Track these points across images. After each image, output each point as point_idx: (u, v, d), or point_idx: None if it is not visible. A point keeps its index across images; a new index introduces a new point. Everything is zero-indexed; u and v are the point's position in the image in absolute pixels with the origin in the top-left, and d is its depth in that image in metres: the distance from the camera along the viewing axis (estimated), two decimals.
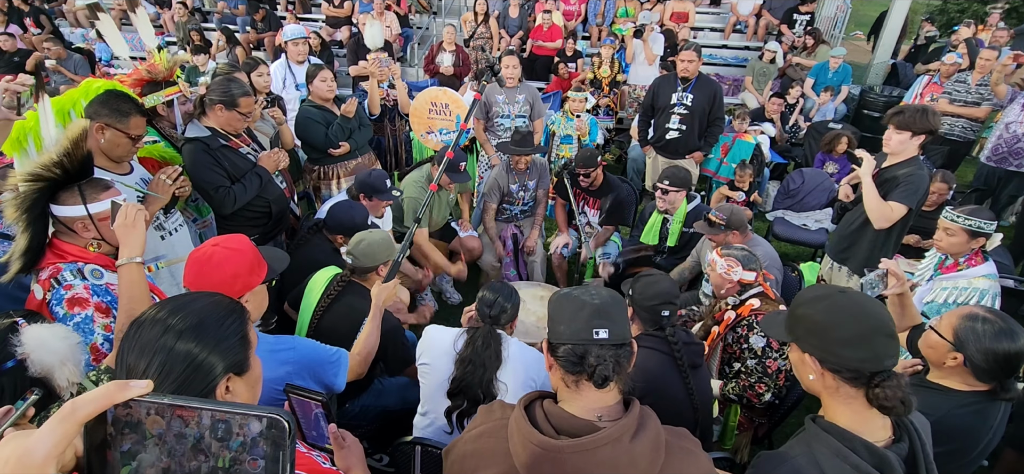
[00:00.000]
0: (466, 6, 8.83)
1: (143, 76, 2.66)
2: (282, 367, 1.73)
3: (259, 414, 0.53)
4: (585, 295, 1.14)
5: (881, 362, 1.12)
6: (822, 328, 1.18)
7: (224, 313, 0.91)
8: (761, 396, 2.27)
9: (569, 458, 1.02)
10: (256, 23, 8.44)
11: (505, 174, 3.83)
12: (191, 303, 0.89)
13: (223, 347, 0.87)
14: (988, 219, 2.33)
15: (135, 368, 0.81)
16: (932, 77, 5.57)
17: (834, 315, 1.17)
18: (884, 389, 1.10)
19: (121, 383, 0.53)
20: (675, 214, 3.46)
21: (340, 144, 3.67)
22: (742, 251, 2.37)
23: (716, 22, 8.60)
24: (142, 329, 0.84)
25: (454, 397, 1.85)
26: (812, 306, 1.22)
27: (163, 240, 2.43)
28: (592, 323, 1.09)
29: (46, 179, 1.55)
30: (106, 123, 2.07)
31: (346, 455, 1.21)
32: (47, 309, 1.57)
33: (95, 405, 0.51)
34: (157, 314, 0.86)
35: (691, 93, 4.30)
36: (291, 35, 4.62)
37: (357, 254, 2.27)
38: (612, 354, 1.08)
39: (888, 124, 2.66)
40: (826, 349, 1.16)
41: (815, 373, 1.20)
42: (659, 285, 1.92)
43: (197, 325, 0.86)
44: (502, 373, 1.82)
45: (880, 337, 1.12)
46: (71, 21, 9.65)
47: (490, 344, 1.83)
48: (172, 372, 0.81)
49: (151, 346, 0.82)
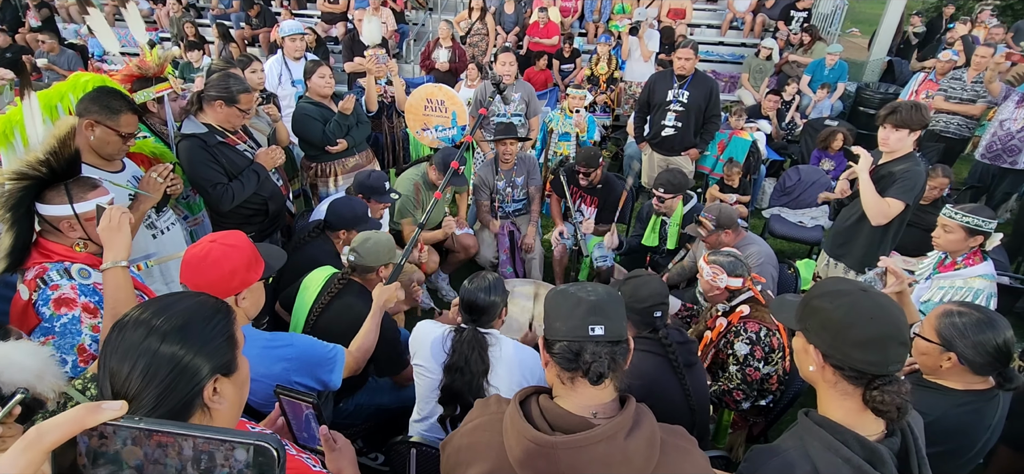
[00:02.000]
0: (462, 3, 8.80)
1: (134, 72, 2.63)
2: (280, 364, 1.72)
3: (245, 442, 0.50)
4: (581, 292, 1.13)
5: (887, 368, 1.10)
6: (838, 326, 1.14)
7: (210, 313, 0.89)
8: (738, 402, 2.26)
9: (563, 454, 1.01)
10: (251, 19, 8.38)
11: (490, 171, 3.81)
12: (175, 304, 0.87)
13: (210, 348, 0.85)
14: (987, 217, 2.33)
15: (118, 372, 0.79)
16: (928, 74, 5.58)
17: (853, 315, 1.12)
18: (883, 393, 1.08)
19: (92, 406, 0.49)
20: (672, 216, 3.45)
21: (338, 141, 3.64)
22: (727, 257, 2.33)
23: (713, 19, 8.59)
24: (125, 332, 0.82)
25: (446, 405, 1.83)
26: (831, 300, 1.17)
27: (155, 238, 2.41)
28: (588, 320, 1.08)
29: (32, 177, 1.53)
30: (96, 120, 2.04)
31: (337, 457, 1.20)
32: (33, 309, 1.54)
33: (62, 431, 0.47)
34: (140, 315, 0.83)
35: (687, 90, 4.29)
36: (288, 31, 4.57)
37: (362, 253, 2.25)
38: (608, 351, 1.07)
39: (884, 123, 2.65)
40: (836, 346, 1.14)
41: (816, 365, 1.18)
42: (649, 286, 1.88)
43: (182, 326, 0.83)
44: (492, 377, 1.79)
45: (894, 345, 1.10)
46: (64, 16, 9.56)
47: (475, 348, 1.79)
48: (157, 375, 0.79)
49: (135, 349, 0.80)
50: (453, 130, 4.59)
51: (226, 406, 0.88)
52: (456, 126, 4.59)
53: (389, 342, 2.16)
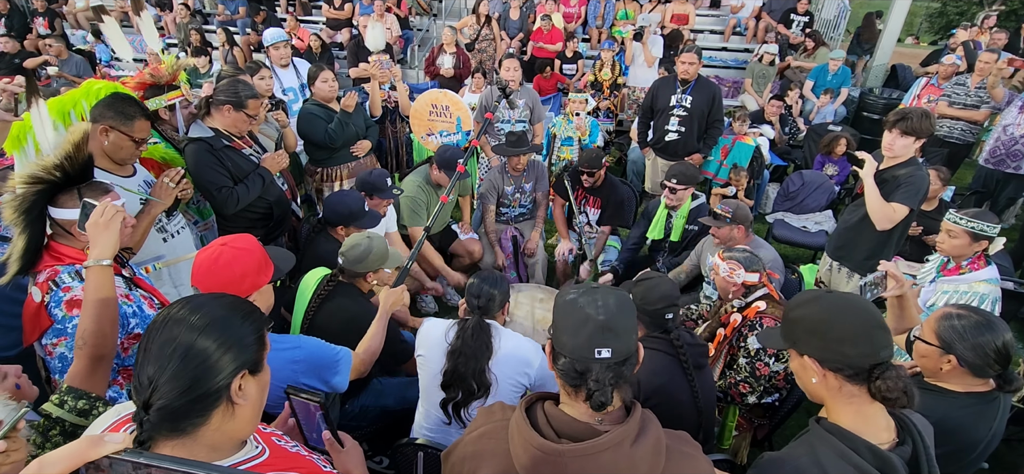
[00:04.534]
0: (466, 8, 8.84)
1: (146, 80, 2.66)
2: (288, 365, 1.74)
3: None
4: (591, 307, 1.08)
5: (878, 354, 1.14)
6: (821, 326, 1.19)
7: (246, 312, 0.96)
8: (744, 396, 2.27)
9: (570, 462, 1.02)
10: (256, 25, 8.45)
11: (500, 176, 3.83)
12: (213, 301, 0.93)
13: (243, 344, 0.91)
14: (991, 222, 2.33)
15: (159, 355, 0.84)
16: (930, 79, 5.59)
17: (831, 312, 1.19)
18: (885, 381, 1.12)
19: (95, 439, 0.51)
20: (679, 210, 3.47)
21: (361, 141, 3.68)
22: (743, 253, 2.36)
23: (715, 24, 8.61)
24: (169, 321, 0.87)
25: (448, 389, 1.86)
26: (807, 308, 1.24)
27: (165, 242, 2.43)
28: (594, 341, 1.05)
29: (45, 181, 1.55)
30: (110, 125, 2.07)
31: (345, 459, 1.21)
32: (46, 312, 1.57)
33: (64, 465, 0.48)
34: (180, 311, 0.89)
35: (690, 95, 4.30)
36: (271, 39, 4.49)
37: (348, 258, 2.28)
38: (613, 373, 1.06)
39: (892, 129, 2.64)
40: (827, 347, 1.17)
41: (817, 375, 1.20)
42: (661, 288, 1.91)
43: (221, 319, 0.90)
44: (493, 364, 1.83)
45: (876, 331, 1.15)
46: (72, 23, 9.66)
47: (479, 334, 1.84)
48: (193, 359, 0.84)
49: (175, 338, 0.85)
50: (457, 135, 4.62)
51: (248, 405, 0.91)
52: (460, 131, 4.61)
53: (390, 340, 2.18)
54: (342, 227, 2.78)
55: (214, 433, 0.87)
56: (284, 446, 1.07)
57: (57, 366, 1.59)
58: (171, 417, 0.82)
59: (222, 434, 0.88)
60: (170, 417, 0.82)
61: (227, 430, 0.89)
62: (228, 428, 0.89)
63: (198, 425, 0.85)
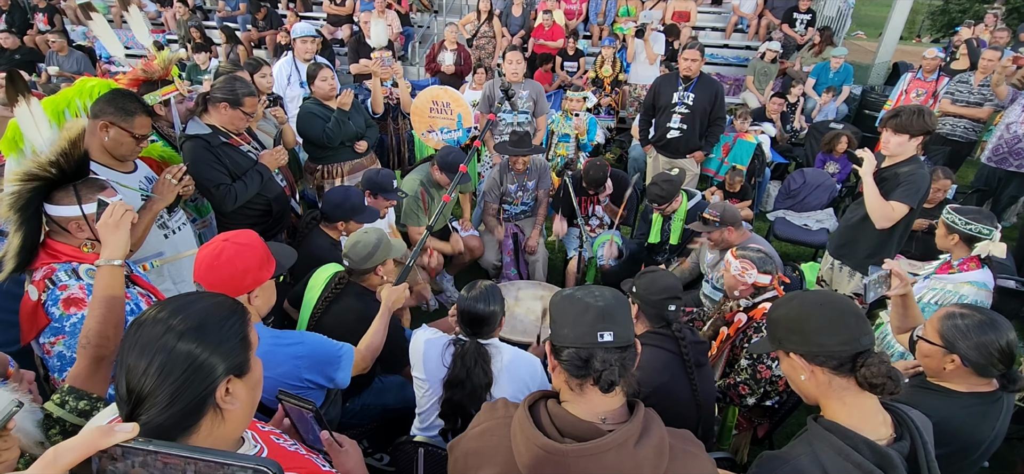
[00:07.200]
0: (467, 5, 8.81)
1: (140, 76, 2.65)
2: (289, 361, 1.74)
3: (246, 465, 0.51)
4: (588, 297, 1.12)
5: (858, 341, 1.16)
6: (798, 321, 1.24)
7: (226, 314, 0.90)
8: (743, 397, 2.25)
9: (573, 462, 1.01)
10: (257, 21, 8.42)
11: (501, 174, 3.82)
12: (192, 304, 0.88)
13: (224, 348, 0.86)
14: (987, 224, 2.29)
15: (135, 368, 0.80)
16: (915, 73, 5.59)
17: (804, 308, 1.24)
18: (870, 368, 1.14)
19: (106, 428, 0.51)
20: (676, 213, 3.46)
21: (358, 142, 3.67)
22: (758, 253, 2.32)
23: (717, 21, 8.58)
24: (143, 329, 0.83)
25: (447, 419, 1.83)
26: (785, 308, 1.30)
27: (166, 238, 2.43)
28: (597, 326, 1.07)
29: (41, 178, 1.54)
30: (111, 121, 2.06)
31: (344, 459, 1.20)
32: (43, 310, 1.56)
33: (77, 453, 0.50)
34: (158, 314, 0.85)
35: (692, 92, 4.28)
36: (300, 32, 4.59)
37: (352, 257, 2.25)
38: (618, 357, 1.07)
39: (885, 128, 2.65)
40: (808, 340, 1.21)
41: (806, 372, 1.22)
42: (663, 280, 1.90)
43: (198, 326, 0.85)
44: (495, 389, 1.79)
45: (851, 317, 1.18)
46: (72, 18, 9.64)
47: (477, 362, 1.78)
48: (172, 373, 0.80)
49: (152, 346, 0.81)
50: (458, 132, 4.60)
51: (238, 407, 0.88)
52: (461, 128, 4.60)
53: (392, 340, 2.17)
54: (342, 223, 2.77)
55: (205, 439, 0.84)
56: (283, 445, 1.07)
57: (55, 364, 1.58)
58: (156, 433, 0.79)
59: (214, 439, 0.86)
60: (155, 433, 0.79)
61: (219, 434, 0.86)
62: (219, 432, 0.86)
63: (188, 434, 0.83)
